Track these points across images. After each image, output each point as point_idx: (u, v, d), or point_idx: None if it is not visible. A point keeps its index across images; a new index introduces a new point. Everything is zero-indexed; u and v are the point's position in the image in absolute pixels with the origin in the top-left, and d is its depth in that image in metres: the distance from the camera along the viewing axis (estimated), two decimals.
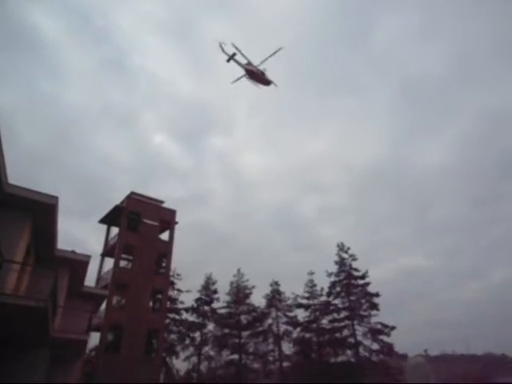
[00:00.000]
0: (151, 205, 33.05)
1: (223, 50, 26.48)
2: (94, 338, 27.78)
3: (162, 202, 34.21)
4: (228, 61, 26.77)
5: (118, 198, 38.00)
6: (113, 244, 31.54)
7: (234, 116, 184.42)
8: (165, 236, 33.59)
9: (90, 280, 29.89)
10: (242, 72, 27.89)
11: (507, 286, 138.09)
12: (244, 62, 27.29)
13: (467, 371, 56.24)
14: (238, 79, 28.19)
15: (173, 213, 34.08)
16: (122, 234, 30.63)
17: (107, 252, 32.35)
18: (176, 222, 33.83)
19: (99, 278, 31.42)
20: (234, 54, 26.36)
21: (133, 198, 32.14)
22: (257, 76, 28.00)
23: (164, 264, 33.27)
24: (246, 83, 28.42)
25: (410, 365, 50.69)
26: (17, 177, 11.61)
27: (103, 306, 28.51)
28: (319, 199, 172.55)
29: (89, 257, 16.45)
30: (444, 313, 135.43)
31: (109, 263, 31.72)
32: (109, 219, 32.77)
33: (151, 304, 31.84)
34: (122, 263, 30.96)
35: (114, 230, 32.80)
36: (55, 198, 12.06)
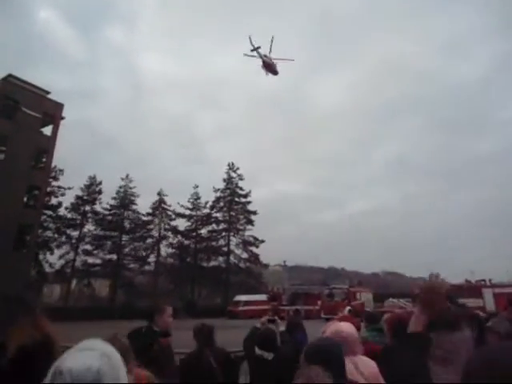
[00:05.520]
0: (34, 93, 29.21)
1: (251, 42, 31.34)
2: None
3: (47, 92, 30.52)
4: (252, 51, 31.76)
5: None
6: None
7: (139, 8, 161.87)
8: (47, 131, 30.73)
9: None
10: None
11: (359, 217, 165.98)
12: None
13: (312, 278, 69.37)
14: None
15: (59, 106, 30.88)
16: None
17: None
18: (62, 117, 31.01)
19: None
20: (259, 47, 31.61)
21: (11, 82, 27.87)
22: (270, 67, 33.17)
23: (44, 160, 31.00)
24: None
25: (270, 271, 59.58)
26: None
27: None
28: (216, 116, 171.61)
29: None
30: (305, 232, 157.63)
31: None
32: None
33: (26, 199, 30.11)
34: None
35: None
36: None
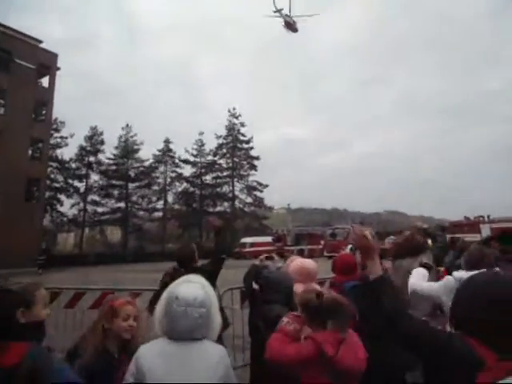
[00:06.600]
0: (26, 43, 27.95)
1: (274, 3, 34.79)
2: None
3: (40, 41, 29.18)
4: (275, 12, 35.22)
5: None
6: None
7: None
8: (44, 82, 30.07)
9: None
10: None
11: (362, 157, 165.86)
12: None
13: (316, 220, 71.27)
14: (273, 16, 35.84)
15: (54, 56, 29.77)
16: None
17: None
18: (58, 68, 30.13)
19: None
20: (282, 9, 35.21)
21: (1, 31, 26.61)
22: (291, 26, 36.84)
23: (44, 112, 30.71)
24: None
25: (274, 214, 61.17)
26: None
27: None
28: (218, 59, 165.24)
29: None
30: (309, 175, 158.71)
31: None
32: None
33: (31, 152, 30.36)
34: None
35: None
36: None
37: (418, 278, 2.98)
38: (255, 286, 2.95)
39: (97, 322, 2.01)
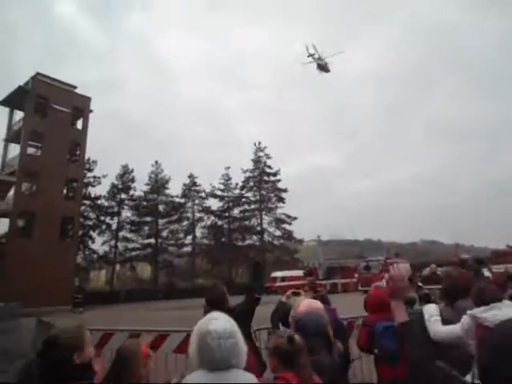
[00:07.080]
0: (62, 89, 29.96)
1: (307, 49, 38.77)
2: (3, 225, 27.57)
3: (74, 87, 31.25)
4: (308, 57, 39.19)
5: (17, 75, 33.24)
6: (18, 129, 28.96)
7: None
8: (78, 124, 31.75)
9: None
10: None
11: (391, 185, 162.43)
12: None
13: (348, 252, 69.03)
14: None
15: (87, 100, 31.57)
16: (27, 120, 28.01)
17: (12, 138, 29.79)
18: (91, 110, 31.79)
19: (4, 165, 29.55)
20: (314, 54, 38.95)
21: (40, 80, 28.62)
22: (324, 68, 39.82)
23: (78, 153, 32.09)
24: None
25: (305, 247, 59.77)
26: None
27: (11, 192, 27.84)
28: (243, 95, 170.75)
29: None
30: (339, 206, 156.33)
31: (15, 149, 29.53)
32: (11, 101, 29.33)
33: (65, 192, 31.48)
34: (31, 150, 29.12)
35: (19, 114, 29.85)
36: None
37: (432, 323, 2.58)
38: (282, 328, 2.73)
39: (135, 369, 2.03)
